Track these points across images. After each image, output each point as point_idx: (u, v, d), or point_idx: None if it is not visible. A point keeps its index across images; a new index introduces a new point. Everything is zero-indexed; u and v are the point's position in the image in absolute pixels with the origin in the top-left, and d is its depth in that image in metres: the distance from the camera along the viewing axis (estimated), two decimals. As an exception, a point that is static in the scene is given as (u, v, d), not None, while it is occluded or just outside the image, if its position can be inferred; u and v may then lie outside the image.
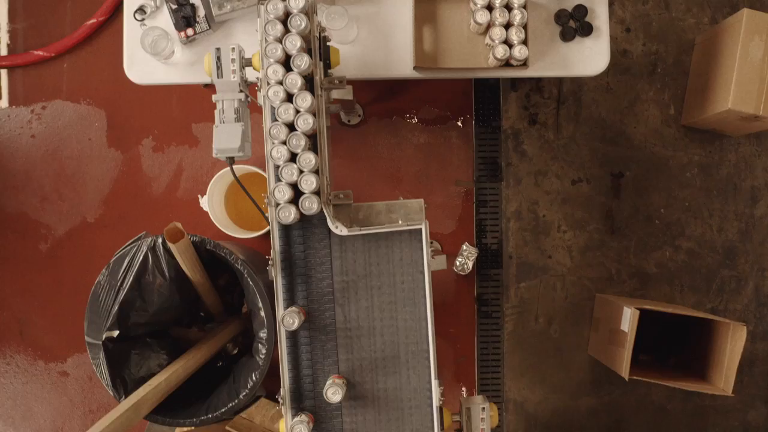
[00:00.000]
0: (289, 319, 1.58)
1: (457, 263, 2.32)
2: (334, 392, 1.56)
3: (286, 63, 1.71)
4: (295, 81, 1.68)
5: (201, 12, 1.95)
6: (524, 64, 1.91)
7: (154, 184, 2.38)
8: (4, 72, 2.44)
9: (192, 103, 2.39)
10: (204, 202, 2.31)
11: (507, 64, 1.93)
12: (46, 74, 2.42)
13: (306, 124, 1.68)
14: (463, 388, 2.39)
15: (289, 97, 1.71)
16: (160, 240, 1.85)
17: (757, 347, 2.42)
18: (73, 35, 2.39)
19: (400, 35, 1.97)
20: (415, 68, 1.93)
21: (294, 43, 1.68)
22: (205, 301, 2.04)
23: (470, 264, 2.30)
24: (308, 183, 1.68)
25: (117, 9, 2.40)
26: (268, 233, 2.14)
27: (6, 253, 2.41)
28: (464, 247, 2.29)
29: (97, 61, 2.41)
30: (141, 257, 1.85)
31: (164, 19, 1.98)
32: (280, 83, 1.69)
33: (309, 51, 1.73)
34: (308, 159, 1.69)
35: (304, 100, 1.68)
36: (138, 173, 2.39)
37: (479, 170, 2.36)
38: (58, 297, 2.39)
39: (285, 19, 1.74)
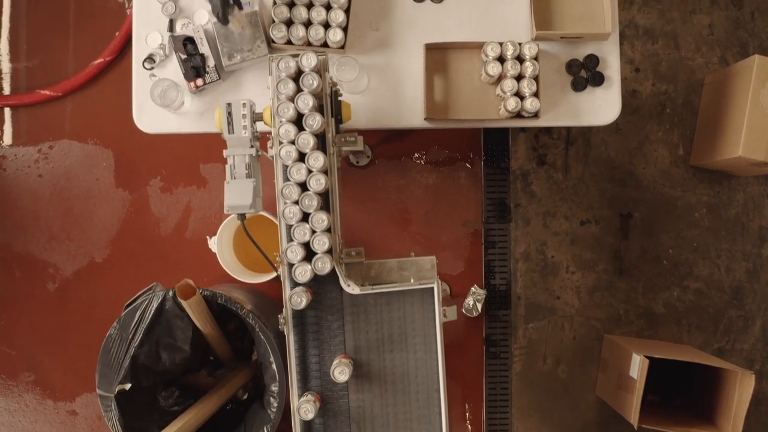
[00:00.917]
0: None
1: (466, 305, 2.32)
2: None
3: (298, 120, 1.71)
4: (307, 141, 1.67)
5: (211, 62, 1.94)
6: (535, 115, 1.91)
7: (162, 224, 2.38)
8: (7, 109, 2.43)
9: (200, 144, 2.38)
10: (212, 244, 2.31)
11: (518, 115, 1.93)
12: (53, 113, 2.41)
13: (318, 185, 1.68)
14: (470, 427, 2.40)
15: (301, 156, 1.70)
16: (171, 294, 1.86)
17: (764, 387, 2.43)
18: (80, 74, 2.38)
19: (411, 85, 1.96)
20: (426, 119, 1.93)
21: (306, 102, 1.67)
22: (216, 349, 2.05)
23: (479, 307, 2.30)
24: (321, 243, 1.68)
25: (124, 48, 2.39)
26: (277, 276, 2.14)
27: (14, 292, 2.41)
28: (473, 289, 2.29)
29: (104, 101, 2.40)
30: (152, 311, 1.85)
31: (173, 68, 1.97)
32: (293, 143, 1.69)
33: (321, 107, 1.73)
34: (321, 219, 1.68)
35: (317, 160, 1.68)
36: (146, 214, 2.38)
37: (488, 211, 2.36)
38: (66, 336, 2.40)
39: (297, 75, 1.73)
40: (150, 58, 1.97)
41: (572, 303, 2.38)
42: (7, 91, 2.43)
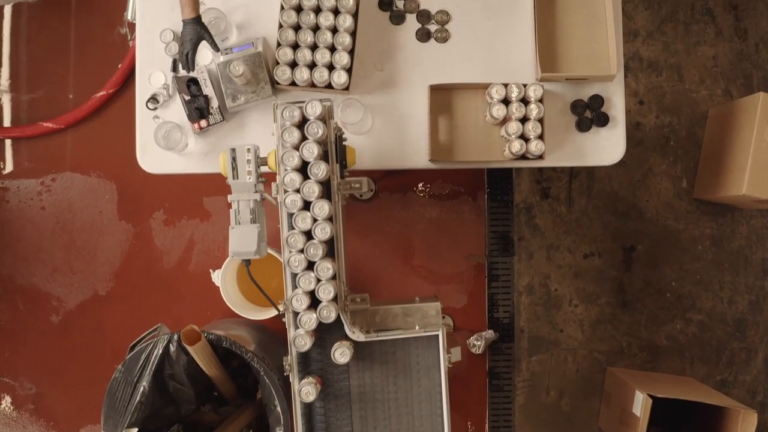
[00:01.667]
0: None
1: (473, 344, 2.32)
2: None
3: (303, 168, 1.70)
4: (312, 189, 1.67)
5: (214, 103, 1.93)
6: (540, 157, 1.90)
7: (165, 257, 2.38)
8: (8, 141, 2.43)
9: (203, 177, 2.36)
10: (216, 277, 2.31)
11: (523, 156, 1.92)
12: (55, 146, 2.41)
13: (324, 233, 1.67)
14: (474, 457, 2.42)
15: (306, 204, 1.70)
16: (176, 337, 1.86)
17: (766, 418, 2.44)
18: (82, 107, 2.38)
19: (415, 125, 1.96)
20: (430, 160, 1.92)
21: (311, 151, 1.67)
22: (220, 388, 2.05)
23: (484, 346, 2.31)
24: (326, 292, 1.68)
25: (127, 81, 2.38)
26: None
27: (17, 324, 2.41)
28: (487, 334, 2.29)
29: (106, 133, 2.40)
30: (158, 356, 1.85)
31: (177, 108, 1.96)
32: (298, 191, 1.68)
33: (325, 153, 1.72)
34: (326, 268, 1.68)
35: (322, 209, 1.68)
36: (149, 246, 2.38)
37: (491, 244, 2.36)
38: (70, 368, 2.40)
39: (301, 122, 1.72)
40: (153, 98, 1.96)
41: (575, 336, 2.38)
42: (7, 122, 2.42)
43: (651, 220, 2.39)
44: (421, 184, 2.38)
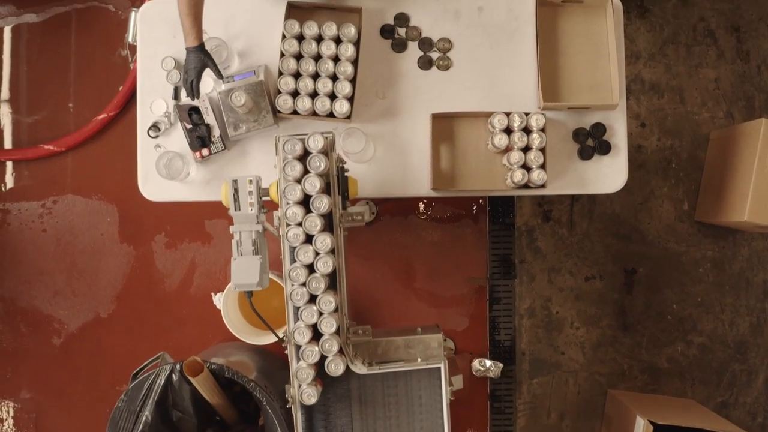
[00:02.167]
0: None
1: (476, 367, 2.32)
2: None
3: (305, 200, 1.70)
4: (314, 223, 1.67)
5: (216, 132, 1.93)
6: (542, 186, 1.90)
7: (167, 280, 2.38)
8: (9, 163, 2.43)
9: (205, 201, 2.37)
10: (217, 300, 2.31)
11: (525, 185, 1.92)
12: (56, 168, 2.40)
13: (326, 267, 1.67)
14: (475, 478, 2.42)
15: (308, 237, 1.70)
16: (178, 367, 1.86)
17: (766, 439, 2.45)
18: (84, 130, 2.37)
19: (417, 153, 1.95)
20: (432, 189, 1.92)
21: (313, 184, 1.66)
22: (222, 415, 2.05)
23: (486, 375, 2.32)
24: (328, 325, 1.68)
25: (128, 103, 2.37)
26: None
27: (19, 346, 2.41)
28: (493, 366, 2.30)
29: (108, 156, 2.40)
30: (160, 384, 1.85)
31: (178, 136, 1.96)
32: (300, 224, 1.68)
33: (327, 185, 1.72)
34: (328, 301, 1.68)
35: (324, 243, 1.68)
36: (151, 269, 2.38)
37: (493, 267, 2.36)
38: (71, 390, 2.40)
39: (303, 155, 1.72)
40: (155, 126, 1.96)
41: (576, 358, 2.39)
42: (8, 144, 2.42)
43: (652, 242, 2.40)
44: (422, 207, 2.38)
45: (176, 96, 1.97)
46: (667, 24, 2.42)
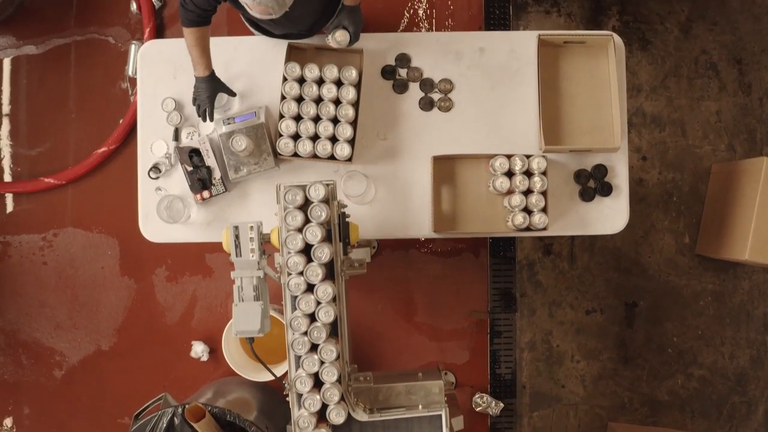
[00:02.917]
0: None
1: (476, 401, 2.33)
2: None
3: (306, 248, 1.70)
4: (315, 272, 1.67)
5: (217, 174, 1.92)
6: (543, 229, 1.90)
7: (168, 313, 2.38)
8: (9, 195, 2.43)
9: (205, 234, 2.37)
10: (198, 351, 2.33)
11: (526, 228, 1.92)
12: (57, 201, 2.40)
13: (328, 317, 1.67)
14: None
15: (310, 286, 1.70)
16: (180, 411, 1.86)
17: (765, 471, 2.46)
18: (84, 163, 2.37)
19: (418, 194, 1.95)
20: (434, 231, 1.92)
21: (315, 234, 1.66)
22: (224, 454, 2.06)
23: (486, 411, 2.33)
24: (330, 374, 1.68)
25: (127, 137, 2.37)
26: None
27: (21, 378, 2.42)
28: (493, 404, 2.30)
29: (108, 189, 2.39)
30: (162, 428, 1.86)
31: (179, 177, 1.95)
32: (301, 274, 1.68)
33: (329, 233, 1.71)
34: (330, 350, 1.68)
35: (325, 292, 1.67)
36: (152, 302, 2.39)
37: (493, 301, 2.36)
38: (73, 423, 2.41)
39: (305, 203, 1.71)
40: (155, 168, 1.95)
41: (577, 391, 2.39)
42: (8, 177, 2.42)
43: (653, 276, 2.40)
44: (423, 241, 2.38)
45: (176, 137, 1.97)
46: (669, 57, 2.41)
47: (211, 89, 1.82)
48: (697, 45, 2.41)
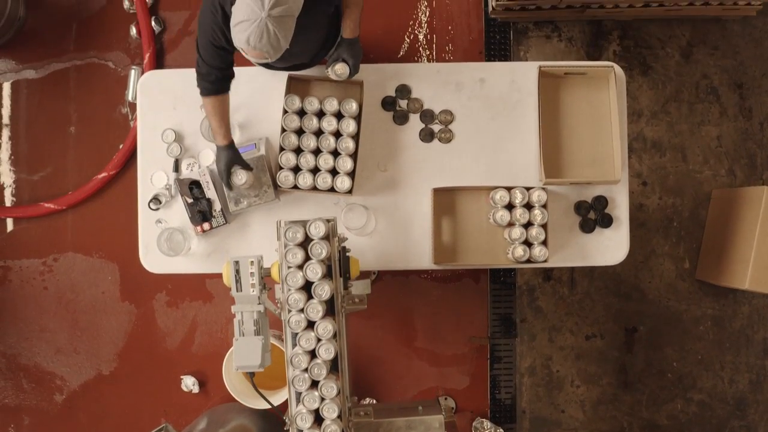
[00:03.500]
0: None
1: (476, 426, 2.33)
2: None
3: (307, 285, 1.70)
4: (316, 309, 1.67)
5: (217, 206, 1.92)
6: (544, 261, 1.90)
7: (168, 339, 2.39)
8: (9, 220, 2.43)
9: (205, 259, 2.37)
10: (187, 384, 2.34)
11: (527, 260, 1.92)
12: (57, 226, 2.40)
13: (328, 354, 1.67)
14: None
15: (310, 323, 1.70)
16: (180, 444, 1.87)
17: (764, 495, 2.47)
18: (84, 188, 2.37)
19: (419, 225, 1.95)
20: (434, 263, 1.92)
21: (315, 271, 1.66)
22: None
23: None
24: (330, 411, 1.68)
25: (127, 163, 2.37)
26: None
27: (22, 402, 2.42)
28: (493, 428, 2.30)
29: (108, 214, 2.39)
30: (162, 461, 1.87)
31: (179, 208, 1.94)
32: (302, 311, 1.68)
33: (329, 269, 1.71)
34: (330, 387, 1.68)
35: (326, 329, 1.67)
36: (152, 327, 2.39)
37: (494, 326, 2.37)
38: (74, 447, 2.42)
39: (305, 239, 1.71)
40: (156, 199, 1.95)
41: (577, 416, 2.40)
42: (8, 202, 2.42)
43: (653, 301, 2.40)
44: (422, 272, 2.38)
45: (177, 169, 1.97)
46: (670, 81, 2.40)
47: (227, 160, 1.81)
48: (697, 69, 2.41)
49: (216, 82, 1.73)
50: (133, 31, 2.39)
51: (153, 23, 2.38)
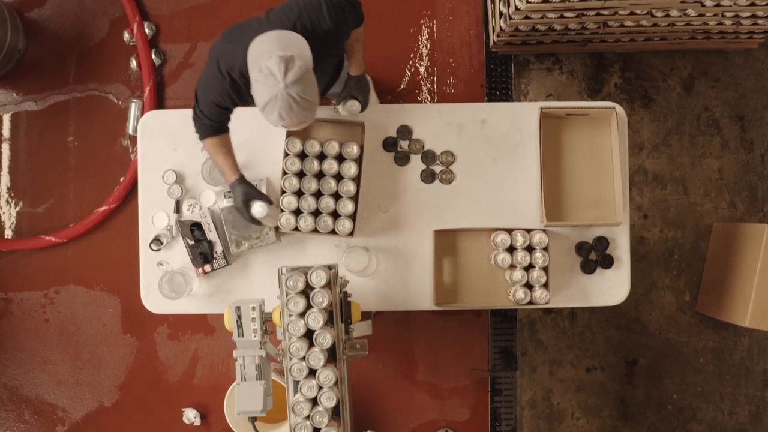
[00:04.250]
0: None
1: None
2: None
3: (308, 332, 1.70)
4: (318, 358, 1.67)
5: (218, 248, 1.92)
6: (545, 303, 1.90)
7: (170, 371, 2.39)
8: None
9: (207, 292, 2.37)
10: (189, 417, 2.34)
11: (528, 302, 1.92)
12: (58, 259, 2.40)
13: (330, 402, 1.68)
14: None
15: (312, 370, 1.70)
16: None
17: None
18: (85, 221, 2.37)
19: (420, 266, 1.95)
20: (436, 305, 1.92)
21: (317, 320, 1.66)
22: None
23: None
24: (331, 460, 1.69)
25: (128, 195, 2.37)
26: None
27: (23, 433, 2.43)
28: None
29: (109, 247, 2.39)
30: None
31: (180, 249, 1.95)
32: (303, 359, 1.68)
33: (330, 315, 1.71)
34: (331, 435, 1.69)
35: (327, 378, 1.68)
36: (154, 360, 2.39)
37: (494, 359, 2.37)
38: (76, 478, 2.43)
39: (306, 286, 1.71)
40: (157, 240, 1.95)
41: (577, 448, 2.41)
42: (9, 234, 2.42)
43: (653, 333, 2.40)
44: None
45: (178, 209, 1.96)
46: (671, 114, 2.40)
47: (243, 195, 1.75)
48: (699, 102, 2.41)
49: (212, 127, 1.72)
50: (134, 63, 2.38)
51: (153, 56, 2.37)
